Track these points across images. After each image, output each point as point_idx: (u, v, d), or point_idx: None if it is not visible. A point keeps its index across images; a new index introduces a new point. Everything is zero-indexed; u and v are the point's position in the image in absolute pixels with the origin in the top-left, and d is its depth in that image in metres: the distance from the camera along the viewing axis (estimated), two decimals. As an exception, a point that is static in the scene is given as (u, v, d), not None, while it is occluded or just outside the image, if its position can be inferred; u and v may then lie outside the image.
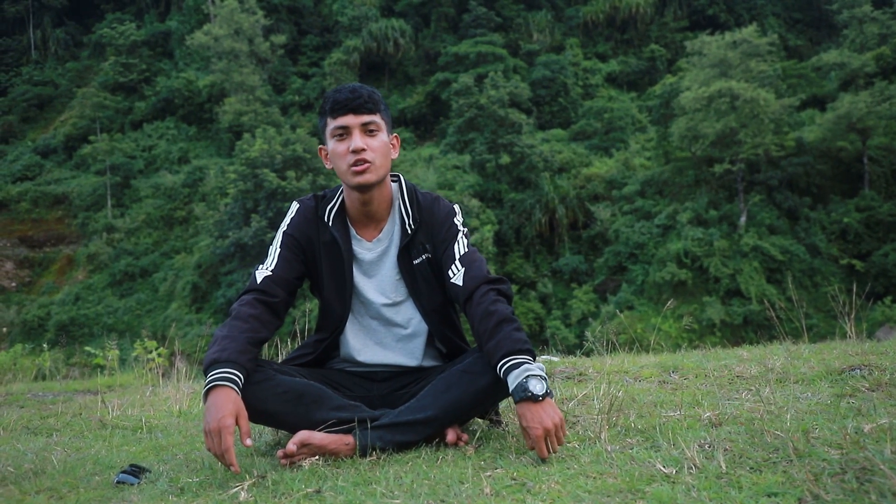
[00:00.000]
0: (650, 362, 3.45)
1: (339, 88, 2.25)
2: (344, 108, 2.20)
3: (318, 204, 2.37)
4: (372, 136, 2.23)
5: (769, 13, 42.47)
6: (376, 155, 2.22)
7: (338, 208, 2.35)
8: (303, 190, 27.06)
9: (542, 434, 1.88)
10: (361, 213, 2.33)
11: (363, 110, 2.21)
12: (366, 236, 2.36)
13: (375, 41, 38.65)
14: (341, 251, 2.32)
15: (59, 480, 2.14)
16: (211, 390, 1.98)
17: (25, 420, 3.52)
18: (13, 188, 35.13)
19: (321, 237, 2.34)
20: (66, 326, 28.23)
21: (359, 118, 2.21)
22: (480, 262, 2.24)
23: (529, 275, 28.85)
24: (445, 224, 2.32)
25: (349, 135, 2.22)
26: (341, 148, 2.22)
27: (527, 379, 1.93)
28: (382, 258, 2.35)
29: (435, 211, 2.34)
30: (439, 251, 2.30)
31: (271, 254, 2.31)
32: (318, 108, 2.31)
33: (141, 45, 41.57)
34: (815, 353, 3.28)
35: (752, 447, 1.78)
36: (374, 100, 2.23)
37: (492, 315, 2.07)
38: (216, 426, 1.90)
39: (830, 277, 25.15)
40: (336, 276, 2.33)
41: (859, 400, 2.25)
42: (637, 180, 30.20)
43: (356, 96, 2.20)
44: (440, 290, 2.34)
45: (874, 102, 26.97)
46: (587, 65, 39.87)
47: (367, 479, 1.82)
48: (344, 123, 2.21)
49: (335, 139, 2.24)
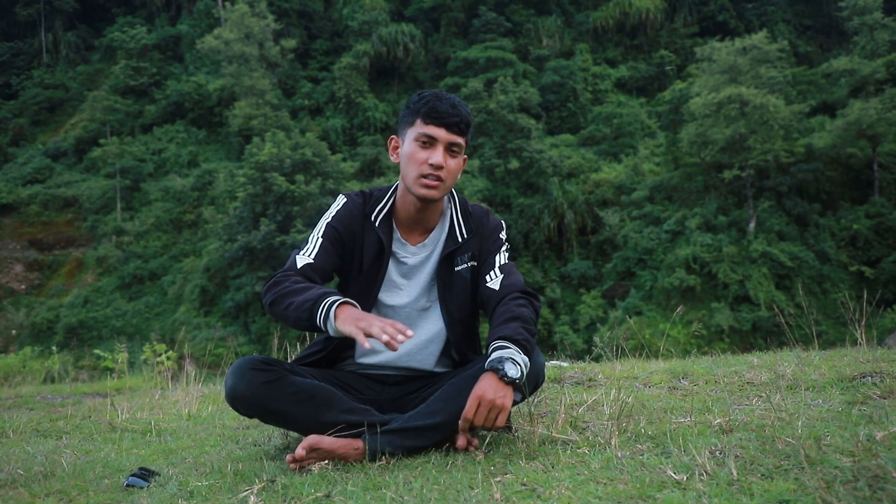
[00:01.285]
0: (660, 368, 3.44)
1: (440, 96, 2.23)
2: (439, 120, 2.19)
3: (366, 202, 2.37)
4: (453, 156, 2.24)
5: (779, 19, 42.35)
6: (449, 175, 2.24)
7: (387, 210, 2.36)
8: (312, 194, 27.12)
9: (480, 401, 1.92)
10: (413, 217, 2.35)
11: (456, 130, 2.21)
12: (410, 240, 2.38)
13: (385, 46, 38.72)
14: (383, 252, 2.33)
15: (68, 483, 2.15)
16: (343, 304, 2.01)
17: (35, 423, 3.53)
18: (23, 191, 35.32)
19: (365, 236, 2.34)
20: (75, 329, 28.33)
21: (450, 136, 2.21)
22: (519, 275, 2.30)
23: (538, 280, 28.81)
24: (493, 236, 2.38)
25: (434, 147, 2.21)
26: (421, 156, 2.21)
27: (507, 359, 1.96)
28: (424, 263, 2.37)
29: (485, 223, 2.40)
30: (482, 259, 2.35)
31: (312, 241, 2.30)
32: (408, 101, 2.28)
33: (151, 48, 41.79)
34: (825, 359, 3.26)
35: (763, 454, 1.77)
36: (468, 122, 2.24)
37: (511, 312, 2.12)
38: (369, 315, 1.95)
39: (840, 284, 25.03)
40: (370, 276, 2.33)
41: (871, 407, 2.23)
42: (646, 186, 30.14)
43: (455, 113, 2.20)
44: (471, 301, 2.36)
45: (884, 109, 26.86)
46: (597, 70, 39.84)
47: (377, 484, 1.81)
48: (434, 135, 2.20)
49: (418, 144, 2.23)
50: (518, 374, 1.96)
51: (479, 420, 1.93)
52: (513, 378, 1.95)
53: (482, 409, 1.93)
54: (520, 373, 1.97)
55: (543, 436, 2.16)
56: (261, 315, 27.05)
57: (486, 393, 1.94)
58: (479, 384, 1.96)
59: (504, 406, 1.94)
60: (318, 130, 35.21)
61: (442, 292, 2.34)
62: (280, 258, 26.40)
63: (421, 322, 2.36)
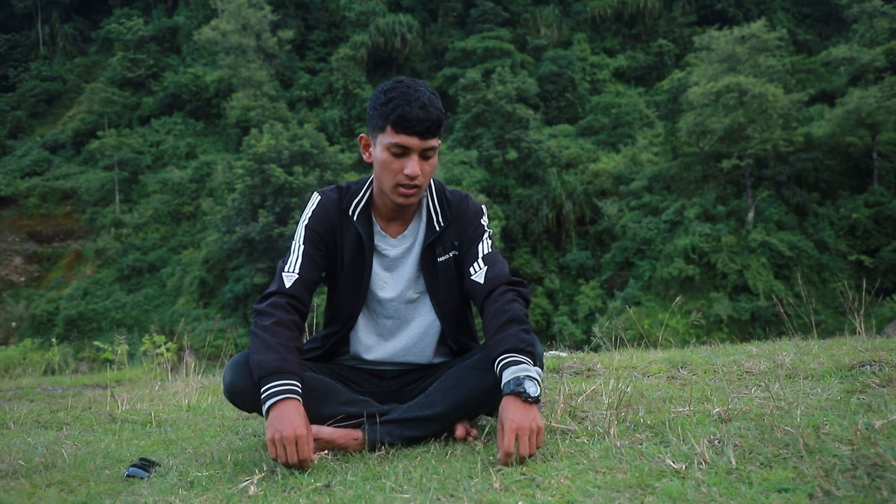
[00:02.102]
0: (658, 358, 3.44)
1: (410, 98, 2.05)
2: (410, 129, 2.05)
3: (343, 196, 2.30)
4: (427, 160, 2.13)
5: (778, 8, 42.25)
6: (426, 179, 2.15)
7: (364, 203, 2.29)
8: (310, 185, 27.09)
9: (517, 432, 1.84)
10: (391, 210, 2.28)
11: (429, 135, 2.08)
12: (391, 232, 2.31)
13: (383, 36, 38.62)
14: (364, 247, 2.27)
15: (69, 474, 2.15)
16: (281, 401, 1.94)
17: (35, 414, 3.54)
18: (21, 183, 35.28)
19: (344, 231, 2.28)
20: (74, 321, 28.36)
21: (423, 142, 2.08)
22: (503, 263, 2.22)
23: (536, 270, 28.82)
24: (473, 223, 2.29)
25: (408, 157, 2.10)
26: (395, 165, 2.10)
27: (524, 378, 1.91)
28: (406, 255, 2.31)
29: (464, 209, 2.31)
30: (464, 249, 2.27)
31: (295, 251, 2.23)
32: (375, 100, 2.12)
33: (149, 40, 41.67)
34: (824, 349, 3.27)
35: (762, 443, 1.77)
36: (441, 121, 2.10)
37: (504, 313, 2.06)
38: (292, 434, 1.87)
39: (839, 273, 25.06)
40: (354, 271, 2.29)
41: (870, 396, 2.24)
42: (644, 176, 30.13)
43: (426, 118, 2.05)
44: (459, 290, 2.31)
45: (884, 97, 26.81)
46: (595, 60, 39.75)
47: (377, 474, 1.82)
48: (406, 144, 2.07)
49: (389, 152, 2.09)
50: (538, 391, 1.91)
51: (523, 450, 1.83)
52: (536, 397, 1.90)
53: (522, 439, 1.85)
54: (539, 389, 1.92)
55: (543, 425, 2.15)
56: (260, 306, 27.03)
57: (519, 423, 1.85)
58: (508, 414, 1.87)
59: (540, 427, 1.88)
60: (316, 122, 35.16)
61: (429, 283, 2.29)
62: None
63: (412, 314, 2.33)
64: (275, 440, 1.88)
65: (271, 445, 1.89)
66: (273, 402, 1.94)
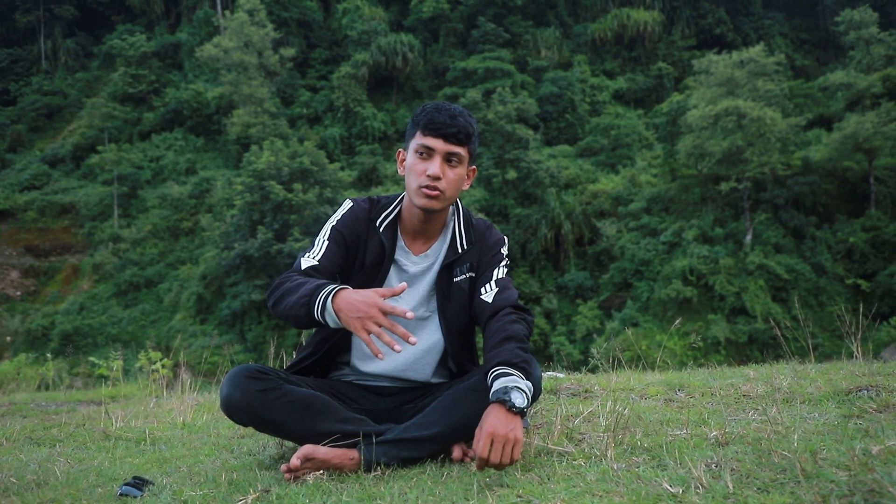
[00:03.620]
0: (656, 380, 3.44)
1: (440, 107, 2.23)
2: (436, 131, 2.19)
3: (373, 207, 2.38)
4: (452, 166, 2.23)
5: (776, 33, 42.60)
6: (449, 186, 2.23)
7: (392, 218, 2.37)
8: (309, 202, 27.12)
9: (493, 437, 1.86)
10: (417, 227, 2.35)
11: (454, 140, 2.20)
12: (413, 249, 2.38)
13: (384, 55, 38.84)
14: (384, 259, 2.33)
15: (61, 492, 2.13)
16: (337, 293, 1.98)
17: (28, 430, 3.52)
18: (20, 197, 35.27)
19: (369, 240, 2.35)
20: (70, 336, 28.26)
21: (447, 146, 2.20)
22: (513, 290, 2.29)
23: (534, 290, 28.80)
24: (493, 250, 2.37)
25: (431, 158, 2.21)
26: (420, 167, 2.22)
27: (512, 388, 1.92)
28: (425, 273, 2.37)
29: (487, 236, 2.40)
30: (480, 272, 2.35)
31: (318, 244, 2.31)
32: (413, 114, 2.29)
33: (151, 56, 41.86)
34: (821, 373, 3.26)
35: (759, 467, 1.77)
36: (468, 132, 2.22)
37: (504, 331, 2.09)
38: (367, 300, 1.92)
39: (836, 297, 25.06)
40: (369, 279, 2.33)
41: (867, 421, 2.23)
42: (643, 197, 30.21)
43: (453, 124, 2.19)
44: (469, 312, 2.35)
45: (881, 123, 26.98)
46: (595, 81, 39.99)
47: (372, 495, 1.81)
48: (431, 145, 2.20)
49: (417, 155, 2.23)
50: (525, 402, 1.92)
51: (495, 457, 1.86)
52: (521, 408, 1.91)
53: (497, 446, 1.86)
54: (526, 401, 1.92)
55: (539, 447, 2.15)
56: (257, 323, 27.00)
57: (497, 429, 1.87)
58: (489, 420, 1.89)
59: (518, 438, 1.88)
60: (317, 139, 35.27)
61: (441, 303, 2.34)
62: (277, 266, 26.37)
63: (419, 332, 2.35)
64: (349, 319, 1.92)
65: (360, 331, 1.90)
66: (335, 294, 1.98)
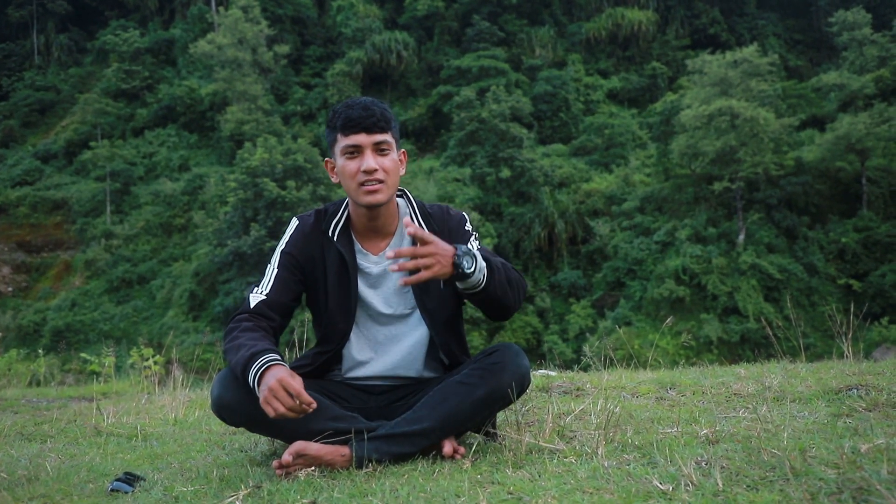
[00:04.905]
0: (648, 378, 3.45)
1: (351, 104, 2.20)
2: (356, 127, 2.16)
3: (321, 219, 2.34)
4: (383, 154, 2.19)
5: (770, 33, 42.71)
6: (388, 175, 2.19)
7: (343, 223, 2.32)
8: (303, 199, 27.07)
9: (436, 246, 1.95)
10: (368, 227, 2.31)
11: (376, 129, 2.17)
12: (371, 250, 2.34)
13: (378, 53, 38.79)
14: (347, 266, 2.29)
15: (52, 487, 2.13)
16: (265, 371, 1.96)
17: (19, 426, 3.51)
18: (12, 193, 35.11)
19: (325, 253, 2.31)
20: (61, 332, 28.13)
21: (371, 137, 2.17)
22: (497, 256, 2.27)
23: (528, 289, 28.82)
24: (458, 230, 2.34)
25: (361, 154, 2.18)
26: (352, 166, 2.18)
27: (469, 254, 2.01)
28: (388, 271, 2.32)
29: (446, 219, 2.37)
30: None
31: (267, 274, 2.28)
32: (327, 120, 2.27)
33: (144, 52, 41.70)
34: (812, 372, 3.28)
35: (749, 465, 1.78)
36: (386, 118, 2.19)
37: None
38: (276, 383, 1.89)
39: (828, 297, 25.17)
40: (341, 291, 2.30)
41: (856, 420, 2.24)
42: (636, 196, 30.26)
43: (369, 114, 2.16)
44: (451, 302, 2.34)
45: (873, 124, 27.11)
46: (589, 81, 40.03)
47: (363, 491, 1.81)
48: (356, 142, 2.17)
49: (345, 157, 2.19)
50: (470, 267, 1.99)
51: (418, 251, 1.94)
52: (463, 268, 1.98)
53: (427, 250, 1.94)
54: (472, 267, 2.00)
55: (530, 444, 2.16)
56: (250, 320, 26.93)
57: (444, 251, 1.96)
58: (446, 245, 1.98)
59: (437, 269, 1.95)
60: (310, 136, 35.18)
61: (418, 296, 2.31)
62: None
63: (403, 329, 2.34)
64: (266, 400, 1.89)
65: (266, 407, 1.89)
66: (258, 376, 1.96)
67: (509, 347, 2.21)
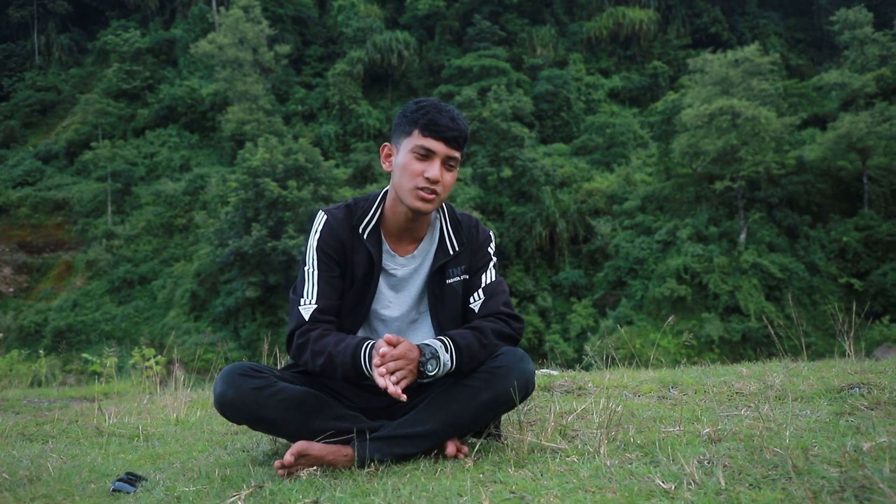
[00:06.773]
0: (649, 377, 3.45)
1: (440, 107, 2.17)
2: (438, 134, 2.14)
3: (351, 214, 2.30)
4: (450, 170, 2.20)
5: (771, 32, 42.68)
6: (444, 190, 2.19)
7: (375, 221, 2.30)
8: (304, 199, 27.07)
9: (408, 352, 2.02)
10: (403, 228, 2.30)
11: (454, 144, 2.17)
12: (399, 251, 2.33)
13: (379, 53, 38.78)
14: (373, 267, 2.28)
15: (54, 488, 2.13)
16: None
17: (21, 426, 3.51)
18: (13, 193, 35.11)
19: (353, 249, 2.28)
20: (63, 333, 28.15)
21: (448, 150, 2.16)
22: (502, 294, 2.30)
23: (529, 288, 28.82)
24: (482, 250, 2.36)
25: (430, 160, 2.16)
26: (417, 168, 2.16)
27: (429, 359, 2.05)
28: (413, 275, 2.33)
29: (475, 235, 2.37)
30: (471, 273, 2.34)
31: (309, 279, 2.24)
32: (406, 109, 2.23)
33: (145, 52, 41.68)
34: (814, 370, 3.28)
35: (751, 464, 1.77)
36: (465, 137, 2.20)
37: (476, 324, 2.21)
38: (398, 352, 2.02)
39: (829, 296, 25.15)
40: (359, 290, 2.29)
41: (858, 418, 2.24)
42: (638, 196, 30.25)
43: (455, 127, 2.16)
44: (461, 312, 2.35)
45: (874, 123, 27.06)
46: (590, 80, 40.02)
47: (365, 491, 1.81)
48: (432, 148, 2.15)
49: (414, 155, 2.17)
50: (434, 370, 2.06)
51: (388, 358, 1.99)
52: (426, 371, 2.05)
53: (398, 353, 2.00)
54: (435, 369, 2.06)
55: (533, 444, 2.16)
56: (251, 321, 26.96)
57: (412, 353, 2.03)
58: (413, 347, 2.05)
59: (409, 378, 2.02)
60: (312, 136, 35.18)
61: (433, 304, 2.31)
62: (271, 264, 26.30)
63: (411, 334, 2.34)
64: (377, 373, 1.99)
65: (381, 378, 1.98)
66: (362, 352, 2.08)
67: (514, 352, 2.20)
